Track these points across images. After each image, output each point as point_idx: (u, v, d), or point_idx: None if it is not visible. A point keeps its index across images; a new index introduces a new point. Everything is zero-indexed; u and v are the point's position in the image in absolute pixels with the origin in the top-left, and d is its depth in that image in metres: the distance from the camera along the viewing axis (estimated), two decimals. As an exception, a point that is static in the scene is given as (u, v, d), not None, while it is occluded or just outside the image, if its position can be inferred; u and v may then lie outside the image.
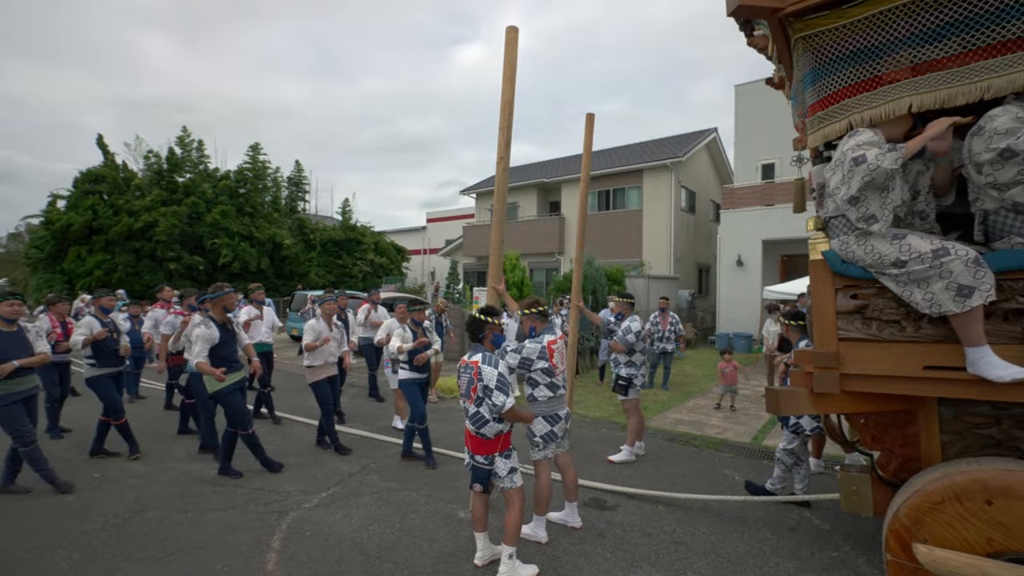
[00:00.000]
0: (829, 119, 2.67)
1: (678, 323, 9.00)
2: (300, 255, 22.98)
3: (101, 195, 18.68)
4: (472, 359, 3.14)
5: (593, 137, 5.74)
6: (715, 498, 4.12)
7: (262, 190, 22.92)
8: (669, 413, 7.30)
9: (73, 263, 17.68)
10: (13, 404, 4.07)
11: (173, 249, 18.69)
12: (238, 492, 4.30)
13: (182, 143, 21.22)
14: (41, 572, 3.08)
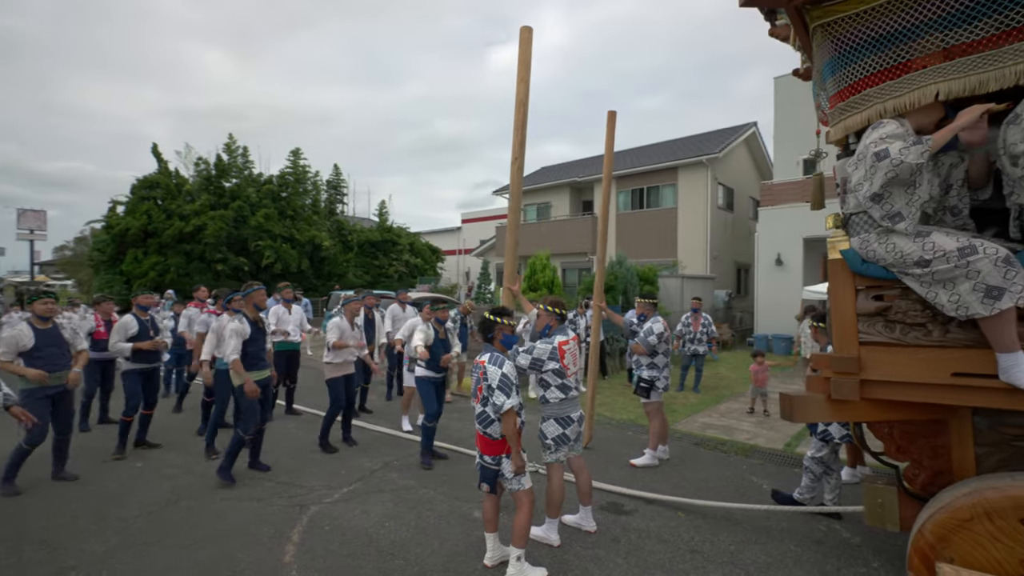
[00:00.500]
0: (850, 110, 2.53)
1: (711, 324, 8.73)
2: (338, 256, 23.68)
3: (155, 200, 19.80)
4: (480, 359, 3.15)
5: (615, 135, 5.67)
6: (738, 506, 3.97)
7: (302, 193, 23.74)
8: (698, 417, 7.10)
9: (131, 265, 18.83)
10: (42, 399, 4.23)
11: (220, 251, 19.62)
12: (265, 485, 4.47)
13: (229, 150, 22.24)
14: (80, 555, 3.30)
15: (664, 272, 13.88)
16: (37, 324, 4.29)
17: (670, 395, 8.36)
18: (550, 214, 22.60)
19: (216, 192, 20.89)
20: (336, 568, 3.16)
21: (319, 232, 22.96)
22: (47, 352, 4.25)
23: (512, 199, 3.80)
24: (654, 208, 18.99)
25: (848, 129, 2.54)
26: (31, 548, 3.38)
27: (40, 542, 3.46)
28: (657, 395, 5.07)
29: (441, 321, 5.33)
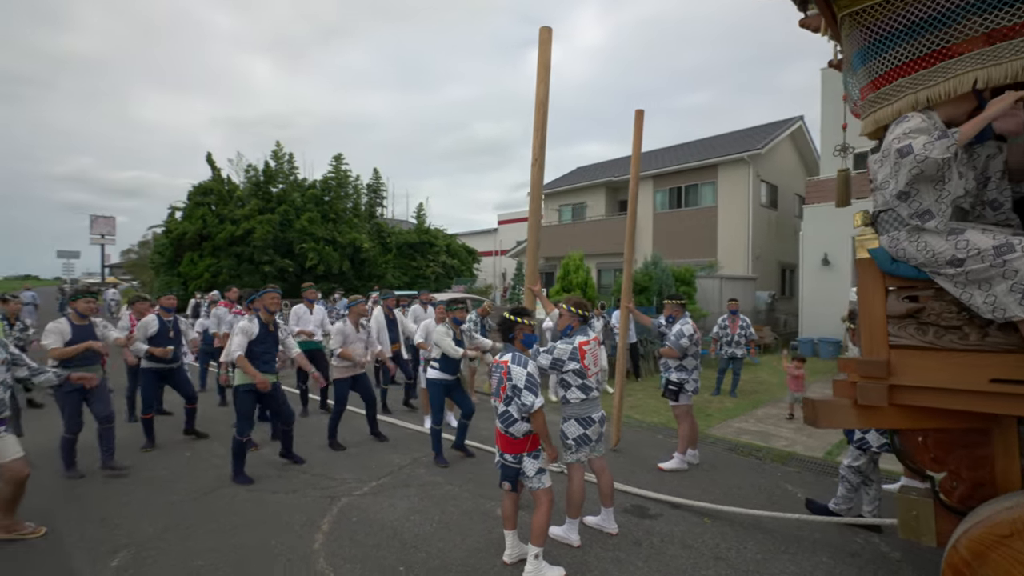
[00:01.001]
0: (881, 102, 2.42)
1: (749, 326, 8.45)
2: (378, 257, 24.33)
3: (209, 206, 20.98)
4: (502, 359, 3.18)
5: (643, 133, 5.59)
6: (768, 514, 3.84)
7: (344, 197, 24.56)
8: (734, 422, 6.89)
9: (187, 267, 20.02)
10: (71, 392, 4.48)
11: (267, 253, 20.57)
12: (300, 477, 4.67)
13: (276, 157, 23.29)
14: (133, 534, 3.56)
15: (701, 273, 13.52)
16: (76, 320, 4.58)
17: (705, 399, 8.16)
18: (585, 214, 22.42)
19: (264, 197, 21.91)
20: (361, 557, 3.28)
21: (359, 234, 23.67)
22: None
23: (532, 200, 3.82)
24: (693, 207, 18.53)
25: (878, 122, 2.43)
26: (92, 526, 3.68)
27: (99, 521, 3.76)
28: (686, 398, 4.96)
29: (458, 321, 5.37)
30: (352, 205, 25.32)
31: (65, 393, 4.50)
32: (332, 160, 24.53)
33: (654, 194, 19.59)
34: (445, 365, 5.16)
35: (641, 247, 19.05)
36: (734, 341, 8.30)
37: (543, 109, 3.75)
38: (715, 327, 8.65)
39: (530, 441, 3.11)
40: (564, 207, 23.57)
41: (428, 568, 3.17)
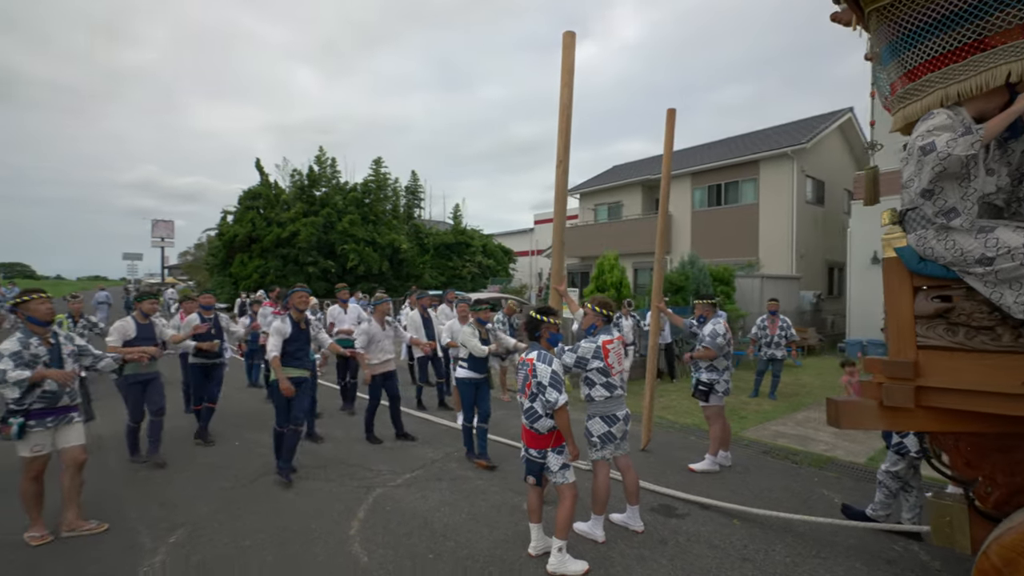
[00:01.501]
0: (910, 98, 2.36)
1: (790, 327, 8.20)
2: (415, 258, 24.87)
3: (258, 210, 22.04)
4: (528, 356, 3.28)
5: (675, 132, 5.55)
6: (800, 517, 3.77)
7: (383, 199, 25.23)
8: (771, 424, 6.73)
9: (238, 267, 21.11)
10: (134, 384, 4.92)
11: (311, 255, 21.40)
12: (340, 468, 4.92)
13: (319, 161, 24.19)
14: (189, 515, 3.86)
15: (740, 272, 13.16)
16: (140, 320, 5.00)
17: (741, 401, 7.98)
18: (621, 214, 22.18)
19: (308, 200, 22.81)
20: (393, 544, 3.45)
21: (398, 235, 24.27)
22: (142, 344, 4.83)
23: (557, 202, 3.90)
24: (733, 204, 18.03)
25: (907, 118, 2.37)
26: (153, 507, 4.01)
27: (160, 503, 4.09)
28: (717, 399, 4.91)
29: (483, 321, 5.46)
30: (391, 207, 25.97)
31: (128, 385, 4.95)
32: (372, 163, 25.26)
33: (692, 192, 19.18)
34: (473, 364, 5.28)
35: (679, 246, 18.71)
36: (773, 342, 8.08)
37: (567, 113, 3.81)
38: (753, 327, 8.44)
39: (554, 437, 3.19)
40: (600, 206, 23.40)
41: (456, 557, 3.30)
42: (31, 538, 3.44)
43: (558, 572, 3.07)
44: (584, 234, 23.18)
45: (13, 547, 3.39)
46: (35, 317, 3.50)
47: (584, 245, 22.67)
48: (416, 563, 3.23)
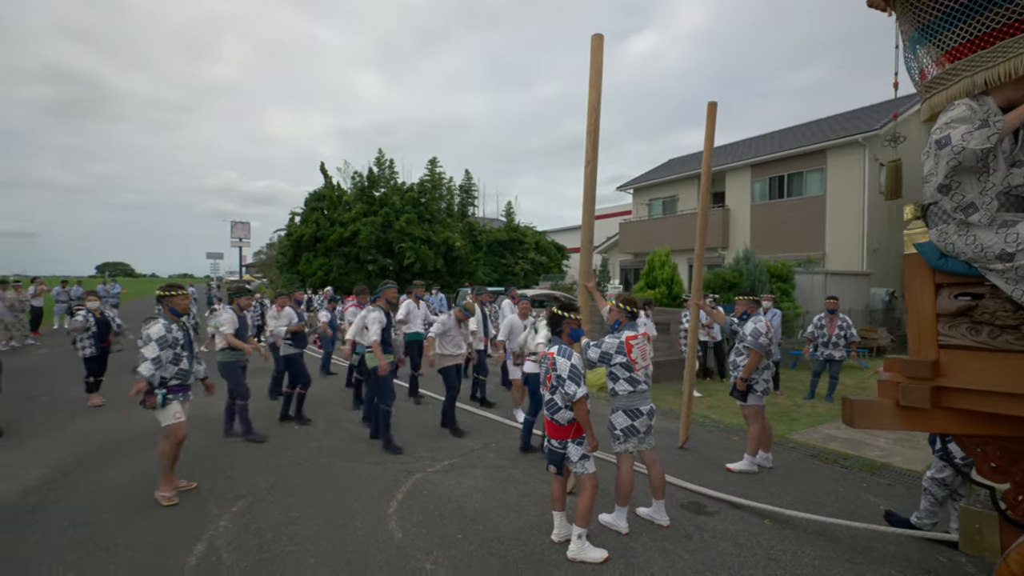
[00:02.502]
0: (936, 87, 2.27)
1: (851, 327, 7.75)
2: (469, 255, 25.43)
3: (322, 211, 23.38)
4: (549, 350, 3.41)
5: (715, 126, 5.44)
6: (835, 521, 3.65)
7: (438, 198, 25.98)
8: (823, 428, 6.43)
9: (304, 266, 22.52)
10: (237, 368, 5.62)
11: (371, 253, 22.45)
12: (384, 453, 5.26)
13: (378, 163, 25.28)
14: (250, 488, 4.32)
15: (799, 268, 12.49)
16: (237, 312, 5.67)
17: (795, 403, 7.66)
18: (677, 208, 21.56)
19: (368, 201, 23.92)
20: (426, 523, 3.70)
21: (452, 233, 24.91)
22: (243, 333, 5.64)
23: (585, 200, 3.98)
24: (796, 197, 17.06)
25: (933, 108, 2.28)
26: (220, 479, 4.51)
27: (226, 477, 4.59)
28: (756, 398, 4.79)
29: None
30: (446, 206, 26.69)
31: (229, 371, 5.62)
32: (428, 164, 26.07)
33: (752, 184, 18.33)
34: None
35: (736, 242, 17.98)
36: (831, 342, 7.66)
37: (595, 114, 3.89)
38: (810, 326, 8.04)
39: (574, 428, 3.30)
40: (654, 201, 22.87)
41: (483, 538, 3.50)
42: (163, 497, 4.00)
43: (577, 558, 3.19)
44: (637, 230, 22.77)
45: (104, 506, 3.95)
46: (176, 309, 4.23)
47: (638, 241, 22.26)
48: (445, 542, 3.45)
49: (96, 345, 7.10)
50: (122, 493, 4.22)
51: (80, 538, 3.49)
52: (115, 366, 10.15)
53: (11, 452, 5.19)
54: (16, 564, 3.17)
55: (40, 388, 7.94)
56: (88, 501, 4.07)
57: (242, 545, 3.39)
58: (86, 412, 6.78)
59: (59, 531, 3.58)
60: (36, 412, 6.70)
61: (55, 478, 4.55)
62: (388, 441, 5.34)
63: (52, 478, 4.55)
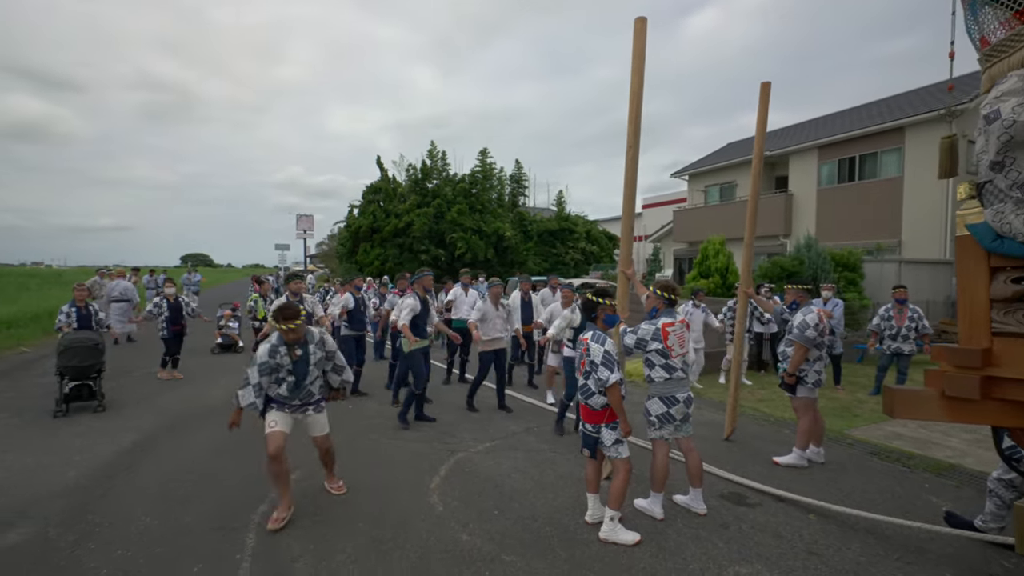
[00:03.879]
0: (996, 55, 2.10)
1: (922, 318, 7.19)
2: (519, 245, 25.57)
3: (378, 203, 24.26)
4: (583, 336, 3.45)
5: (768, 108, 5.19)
6: (887, 519, 3.48)
7: (489, 189, 26.22)
8: (887, 425, 6.05)
9: (362, 256, 23.52)
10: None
11: (424, 243, 23.09)
12: (428, 432, 5.51)
13: (431, 155, 25.84)
14: (303, 462, 4.65)
15: (868, 257, 11.66)
16: (290, 297, 6.03)
17: (858, 398, 7.25)
18: (735, 194, 20.64)
19: (421, 192, 24.55)
20: (465, 499, 3.88)
21: (503, 224, 25.12)
22: None
23: (627, 187, 3.95)
24: (869, 179, 15.87)
25: (993, 79, 2.11)
26: (282, 451, 4.91)
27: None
28: (807, 390, 4.60)
29: None
30: (496, 196, 26.90)
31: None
32: (479, 155, 26.35)
33: (819, 167, 17.22)
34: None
35: (800, 228, 17.00)
36: (900, 335, 7.15)
37: (637, 99, 3.84)
38: (875, 318, 7.54)
39: (607, 413, 3.34)
40: (711, 187, 22.00)
41: (518, 516, 3.63)
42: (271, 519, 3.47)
43: (609, 539, 3.24)
44: (692, 217, 22.02)
45: (183, 467, 4.42)
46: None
47: (692, 229, 21.53)
48: (482, 516, 3.61)
49: (169, 328, 7.84)
50: (198, 457, 4.71)
51: (163, 492, 3.95)
52: (197, 346, 11.14)
53: (110, 420, 5.89)
54: (118, 511, 3.64)
55: (134, 365, 8.87)
56: (170, 463, 4.57)
57: (299, 508, 3.71)
58: (170, 386, 7.53)
59: (146, 486, 4.06)
60: (131, 386, 7.51)
61: (145, 442, 5.13)
62: (402, 414, 5.74)
63: (142, 442, 5.14)
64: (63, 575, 2.91)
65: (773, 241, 18.29)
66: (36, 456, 4.72)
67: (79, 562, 3.03)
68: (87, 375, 6.23)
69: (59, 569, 2.96)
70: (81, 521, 3.52)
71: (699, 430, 5.63)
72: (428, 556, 3.11)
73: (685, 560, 3.09)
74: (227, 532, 3.38)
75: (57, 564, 3.01)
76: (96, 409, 6.18)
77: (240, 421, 3.62)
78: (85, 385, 6.24)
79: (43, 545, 3.22)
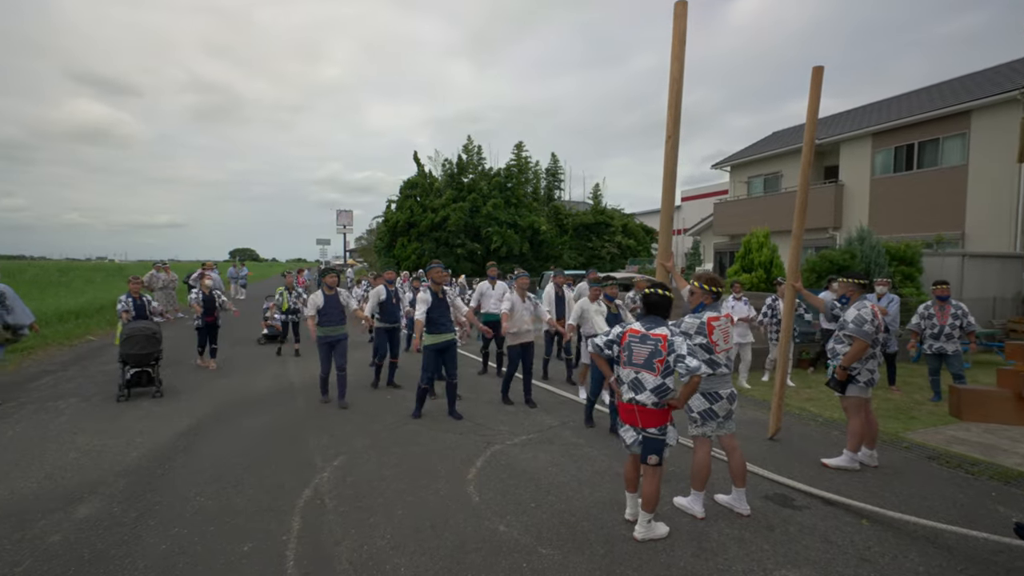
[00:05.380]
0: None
1: (966, 315, 6.54)
2: (554, 239, 25.46)
3: (415, 198, 24.63)
4: (654, 331, 3.18)
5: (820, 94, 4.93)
6: (950, 528, 3.27)
7: (524, 183, 26.19)
8: (947, 429, 5.69)
9: (399, 250, 23.99)
10: (324, 344, 6.17)
11: (459, 238, 23.32)
12: (465, 424, 5.57)
13: (466, 150, 26.02)
14: (348, 447, 4.81)
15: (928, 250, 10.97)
16: (326, 291, 6.22)
17: (914, 400, 6.85)
18: (780, 185, 19.82)
19: (457, 187, 24.77)
20: (501, 490, 3.89)
21: (538, 217, 25.06)
22: (330, 311, 6.16)
23: (666, 178, 3.85)
24: (929, 168, 14.91)
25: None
26: (325, 438, 5.07)
27: (329, 435, 5.15)
28: (858, 389, 4.37)
29: (610, 298, 5.58)
30: (532, 190, 26.86)
31: (321, 344, 6.25)
32: (514, 148, 26.34)
33: (873, 156, 16.32)
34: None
35: (851, 220, 16.18)
36: (944, 333, 6.58)
37: (677, 86, 3.73)
38: (914, 317, 6.96)
39: (669, 412, 3.21)
40: (754, 178, 21.20)
41: (555, 510, 3.61)
42: None
43: (646, 538, 3.18)
44: (734, 210, 21.31)
45: (234, 451, 4.63)
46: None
47: (734, 222, 20.85)
48: (519, 509, 3.61)
49: (202, 318, 8.26)
50: (247, 442, 4.92)
51: (216, 474, 4.15)
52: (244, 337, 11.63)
53: (167, 405, 6.24)
54: (175, 491, 3.86)
55: (188, 354, 9.35)
56: (222, 447, 4.80)
57: (341, 494, 3.82)
58: (220, 375, 7.91)
59: (201, 468, 4.28)
60: (184, 374, 7.93)
61: (199, 427, 5.41)
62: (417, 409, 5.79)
63: (197, 426, 5.42)
64: (127, 549, 3.10)
65: (822, 234, 17.49)
66: (102, 438, 5.06)
67: (140, 538, 3.22)
68: (146, 362, 6.61)
69: (123, 543, 3.16)
70: (142, 499, 3.74)
71: (742, 429, 5.46)
72: (465, 545, 3.14)
73: (728, 561, 3.00)
74: (274, 514, 3.52)
75: (121, 538, 3.21)
76: (155, 395, 6.56)
77: None
78: (144, 372, 6.63)
79: (109, 520, 3.44)
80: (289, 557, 3.02)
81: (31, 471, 4.25)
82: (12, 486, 3.96)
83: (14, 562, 2.96)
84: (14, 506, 3.63)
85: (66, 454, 4.63)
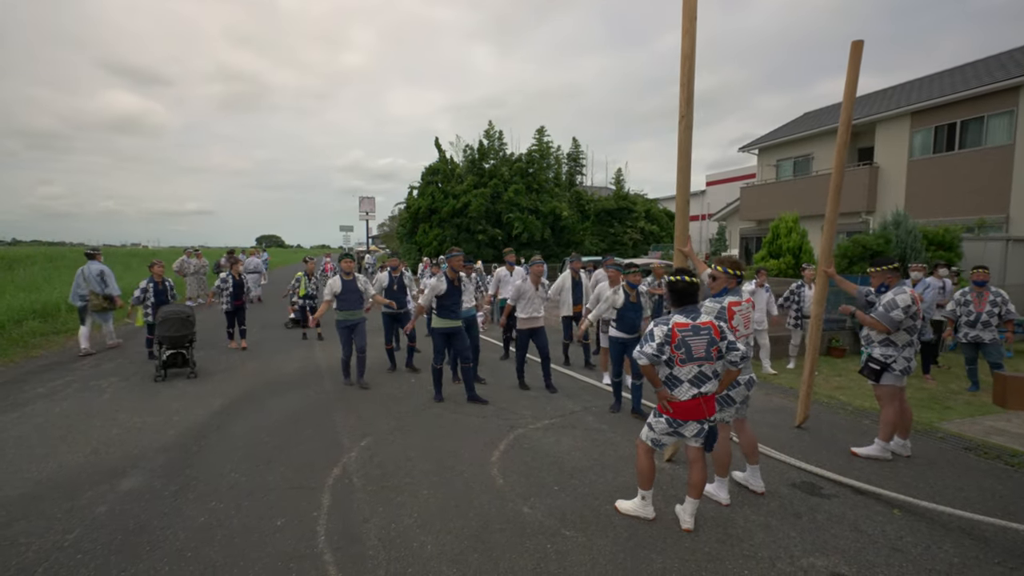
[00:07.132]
0: None
1: (1006, 302, 6.24)
2: (576, 225, 25.25)
3: (437, 184, 24.67)
4: (703, 320, 3.08)
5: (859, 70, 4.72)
6: (988, 520, 3.17)
7: (546, 168, 25.95)
8: (986, 419, 5.48)
9: (421, 236, 24.12)
10: (344, 328, 6.29)
11: (481, 223, 23.31)
12: (489, 409, 5.62)
13: (488, 135, 25.85)
14: (374, 429, 4.92)
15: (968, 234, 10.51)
16: (344, 276, 6.31)
17: (950, 390, 6.62)
18: (811, 168, 19.17)
19: (478, 173, 24.70)
20: (525, 473, 3.93)
21: (559, 203, 24.86)
22: (347, 296, 6.27)
23: (680, 158, 3.75)
24: (972, 148, 14.21)
25: None
26: (352, 419, 5.19)
27: (357, 416, 5.27)
28: (893, 378, 4.24)
29: (633, 285, 5.51)
30: (553, 175, 26.60)
31: (340, 328, 6.37)
32: (535, 133, 26.06)
33: (911, 136, 15.63)
34: (621, 324, 5.46)
35: (886, 204, 15.61)
36: (981, 321, 6.29)
37: (689, 63, 3.61)
38: (950, 303, 6.68)
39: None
40: (783, 161, 20.55)
41: (578, 493, 3.64)
42: None
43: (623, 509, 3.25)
44: (761, 194, 20.75)
45: (265, 430, 4.77)
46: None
47: (761, 206, 20.32)
48: (543, 491, 3.65)
49: (231, 302, 8.56)
50: (278, 422, 5.07)
51: (249, 452, 4.30)
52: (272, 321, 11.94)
53: (201, 385, 6.46)
54: (211, 467, 4.01)
55: (220, 337, 9.65)
56: (254, 426, 4.96)
57: (368, 473, 3.92)
58: (251, 356, 8.15)
59: (234, 446, 4.44)
60: (217, 356, 8.19)
61: (231, 406, 5.60)
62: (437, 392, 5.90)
63: (229, 405, 5.61)
64: (168, 520, 3.25)
65: (854, 219, 16.91)
66: (142, 416, 5.28)
67: (180, 511, 3.37)
68: (181, 344, 6.85)
69: (164, 515, 3.31)
70: (180, 474, 3.90)
71: (768, 417, 5.41)
72: (490, 526, 3.19)
73: (754, 547, 2.98)
74: (305, 491, 3.63)
75: (162, 510, 3.37)
76: (189, 375, 6.81)
77: None
78: (179, 353, 6.87)
79: (150, 493, 3.60)
80: (320, 532, 3.12)
81: (77, 446, 4.47)
82: (60, 459, 4.17)
83: (66, 530, 3.13)
84: (63, 478, 3.84)
85: (109, 430, 4.85)
